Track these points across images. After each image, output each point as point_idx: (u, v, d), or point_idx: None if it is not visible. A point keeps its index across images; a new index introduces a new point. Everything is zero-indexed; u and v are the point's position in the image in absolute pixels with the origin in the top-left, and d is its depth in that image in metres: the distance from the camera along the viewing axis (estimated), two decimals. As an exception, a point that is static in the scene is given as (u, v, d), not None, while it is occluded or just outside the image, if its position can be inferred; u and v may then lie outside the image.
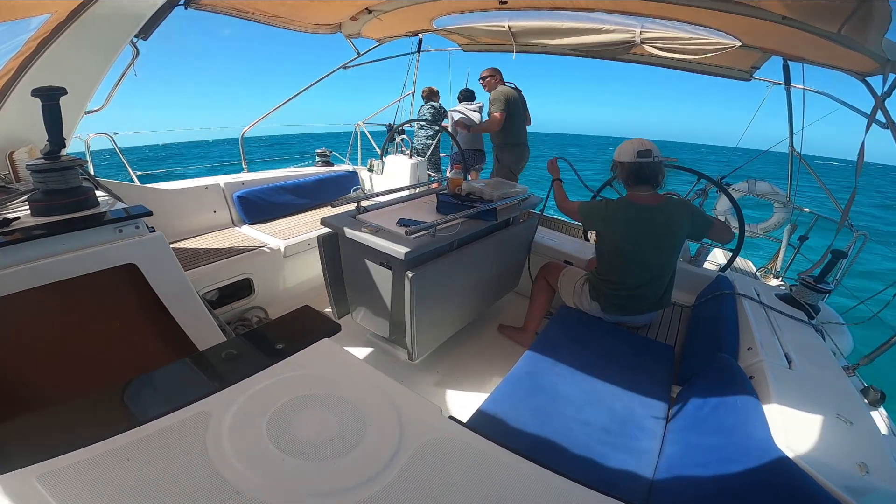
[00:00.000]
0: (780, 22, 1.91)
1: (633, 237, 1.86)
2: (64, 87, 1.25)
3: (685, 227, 1.90)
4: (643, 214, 1.86)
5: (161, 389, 0.82)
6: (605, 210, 1.94)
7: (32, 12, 1.60)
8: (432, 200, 2.25)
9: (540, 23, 2.87)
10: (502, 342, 2.41)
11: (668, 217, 1.87)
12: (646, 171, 1.86)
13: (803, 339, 1.65)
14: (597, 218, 1.96)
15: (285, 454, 0.65)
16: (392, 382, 0.85)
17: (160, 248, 1.47)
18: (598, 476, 1.20)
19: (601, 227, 1.96)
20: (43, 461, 0.59)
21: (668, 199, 1.94)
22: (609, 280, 1.96)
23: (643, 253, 1.88)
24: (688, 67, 3.12)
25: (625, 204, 1.91)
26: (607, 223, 1.92)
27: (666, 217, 1.86)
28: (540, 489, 0.66)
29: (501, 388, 1.50)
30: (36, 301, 1.24)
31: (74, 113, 1.89)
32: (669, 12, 2.30)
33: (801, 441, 1.05)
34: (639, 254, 1.88)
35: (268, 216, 2.98)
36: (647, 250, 1.87)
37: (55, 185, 1.31)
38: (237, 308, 2.37)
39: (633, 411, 1.47)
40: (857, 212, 13.25)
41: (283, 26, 2.93)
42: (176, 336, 1.53)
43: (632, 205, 1.89)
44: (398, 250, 1.64)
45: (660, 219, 1.86)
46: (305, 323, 1.03)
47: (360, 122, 4.56)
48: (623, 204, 1.92)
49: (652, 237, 1.86)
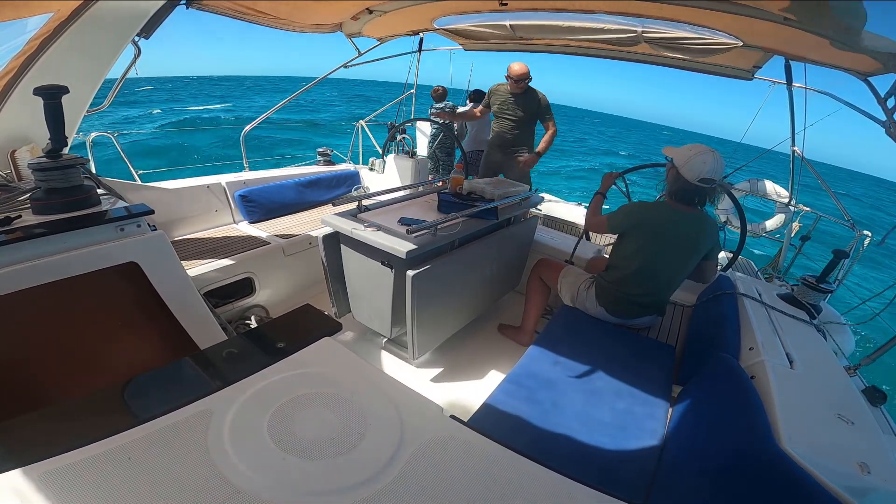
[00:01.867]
0: (781, 22, 1.91)
1: (661, 239, 1.81)
2: (66, 86, 1.25)
3: (707, 245, 1.86)
4: (675, 217, 1.80)
5: (162, 388, 0.82)
6: (640, 211, 1.88)
7: (34, 11, 1.60)
8: (433, 199, 2.25)
9: (541, 22, 2.87)
10: (503, 341, 2.40)
11: (698, 230, 1.82)
12: (699, 195, 1.77)
13: (805, 339, 1.65)
14: (631, 220, 1.88)
15: (286, 453, 0.65)
16: (393, 381, 0.85)
17: (162, 246, 1.47)
18: (598, 475, 1.20)
19: (631, 227, 1.88)
20: (43, 460, 0.59)
21: (703, 212, 1.87)
22: (619, 283, 1.92)
23: (663, 261, 1.84)
24: (689, 67, 3.11)
25: (663, 209, 1.85)
26: (640, 225, 1.85)
27: (696, 229, 1.81)
28: (540, 488, 0.66)
29: (502, 387, 1.50)
30: (37, 299, 1.24)
31: (76, 111, 1.89)
32: (670, 13, 2.29)
33: (803, 441, 1.05)
34: (660, 262, 1.84)
35: (269, 215, 2.98)
36: (668, 257, 1.83)
37: (57, 183, 1.31)
38: (238, 307, 2.38)
39: (633, 411, 1.47)
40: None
41: (283, 27, 2.92)
42: (177, 335, 1.54)
43: (668, 208, 1.84)
44: (399, 249, 1.65)
45: (690, 228, 1.80)
46: (306, 322, 1.03)
47: (362, 121, 4.56)
48: (661, 208, 1.86)
49: (678, 242, 1.81)
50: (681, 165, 1.76)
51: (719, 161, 1.73)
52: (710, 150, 1.74)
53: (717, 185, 1.75)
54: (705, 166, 1.71)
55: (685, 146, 1.81)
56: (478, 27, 3.19)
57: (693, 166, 1.72)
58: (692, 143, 1.84)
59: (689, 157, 1.74)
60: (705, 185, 1.73)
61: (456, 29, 3.36)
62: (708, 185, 1.73)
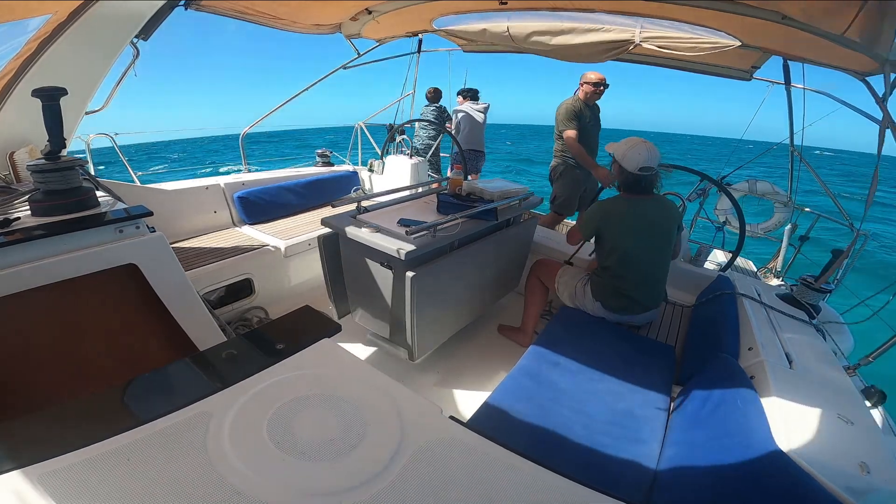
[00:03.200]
0: (779, 22, 1.91)
1: (629, 231, 1.90)
2: (64, 88, 1.25)
3: (675, 223, 1.97)
4: (636, 208, 1.90)
5: (161, 389, 0.82)
6: (600, 210, 1.97)
7: (33, 13, 1.60)
8: (433, 200, 2.25)
9: (540, 23, 2.87)
10: (503, 342, 2.40)
11: (661, 212, 1.93)
12: (643, 183, 1.88)
13: (804, 339, 1.65)
14: (594, 220, 1.97)
15: (286, 454, 0.65)
16: (392, 382, 0.85)
17: (161, 248, 1.47)
18: (598, 475, 1.20)
19: (600, 226, 1.96)
20: (43, 461, 0.59)
21: (661, 196, 1.99)
22: (610, 277, 1.97)
23: (640, 247, 1.91)
24: (687, 67, 3.12)
25: (620, 201, 1.95)
26: (605, 221, 1.94)
27: (657, 210, 1.93)
28: (541, 489, 0.66)
29: (502, 388, 1.50)
30: (37, 301, 1.24)
31: (75, 113, 1.89)
32: (669, 12, 2.30)
33: (802, 441, 1.05)
34: (637, 249, 1.91)
35: (268, 216, 2.98)
36: (644, 243, 1.91)
37: (56, 185, 1.31)
38: (238, 308, 2.38)
39: (633, 411, 1.47)
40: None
41: (283, 28, 2.93)
42: (176, 336, 1.53)
43: (626, 200, 1.93)
44: (399, 250, 1.65)
45: (652, 211, 1.91)
46: (306, 323, 1.03)
47: (361, 122, 4.56)
48: (618, 201, 1.96)
49: (646, 228, 1.90)
50: (620, 159, 1.89)
51: (653, 150, 1.85)
52: (643, 140, 1.88)
53: (656, 171, 1.86)
54: (640, 156, 1.83)
55: (622, 141, 1.94)
56: (477, 27, 3.19)
57: (631, 158, 1.85)
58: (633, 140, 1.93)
59: (625, 150, 1.87)
60: (646, 174, 1.84)
61: (455, 30, 3.36)
62: (648, 174, 1.84)
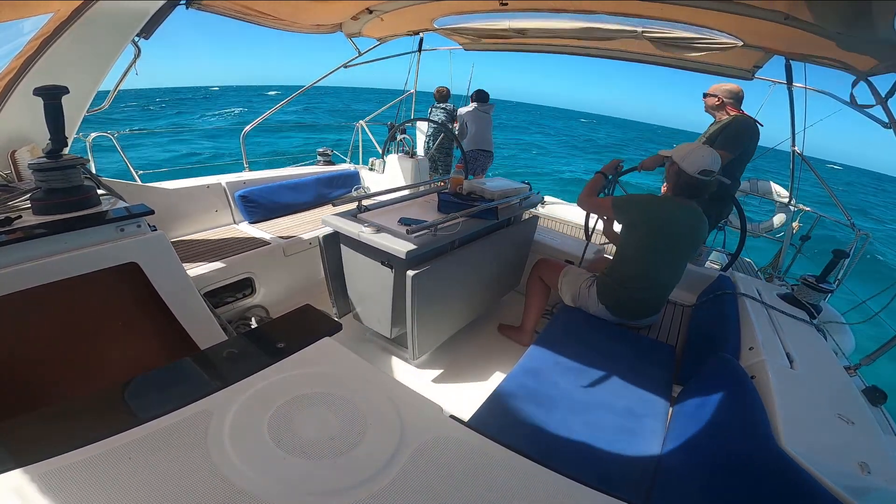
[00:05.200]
0: (781, 22, 1.91)
1: (664, 235, 1.86)
2: (66, 86, 1.25)
3: (703, 237, 1.93)
4: (678, 211, 1.86)
5: (162, 388, 0.82)
6: (645, 202, 1.91)
7: (34, 11, 1.60)
8: (433, 199, 2.25)
9: (541, 22, 2.87)
10: (503, 341, 2.40)
11: (695, 224, 1.88)
12: (700, 189, 1.82)
13: (805, 339, 1.65)
14: (634, 208, 1.91)
15: (286, 453, 0.65)
16: (393, 381, 0.85)
17: (162, 246, 1.47)
18: (598, 475, 1.20)
19: (635, 218, 1.91)
20: (43, 460, 0.59)
21: (697, 206, 1.92)
22: (624, 288, 1.93)
23: (663, 262, 1.88)
24: (689, 67, 3.11)
25: (668, 201, 1.90)
26: (643, 215, 1.88)
27: (694, 223, 1.88)
28: (540, 488, 0.66)
29: (502, 387, 1.50)
30: (37, 300, 1.24)
31: (76, 112, 1.89)
32: (670, 13, 2.29)
33: (803, 441, 1.05)
34: (659, 263, 1.88)
35: (269, 215, 2.98)
36: (667, 258, 1.88)
37: (57, 183, 1.31)
38: (238, 307, 2.38)
39: (633, 410, 1.47)
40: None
41: (284, 28, 2.92)
42: (177, 335, 1.54)
43: (672, 201, 1.89)
44: (399, 249, 1.65)
45: (690, 221, 1.87)
46: (306, 322, 1.03)
47: (362, 122, 4.56)
48: (665, 201, 1.90)
49: (679, 238, 1.87)
50: (680, 160, 1.82)
51: (715, 155, 1.81)
52: (705, 145, 1.84)
53: (715, 177, 1.82)
54: (704, 159, 1.78)
55: (679, 146, 1.89)
56: (478, 27, 3.19)
57: (693, 160, 1.79)
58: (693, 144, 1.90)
59: (688, 152, 1.82)
60: (706, 178, 1.79)
61: (456, 29, 3.36)
62: (708, 178, 1.79)
